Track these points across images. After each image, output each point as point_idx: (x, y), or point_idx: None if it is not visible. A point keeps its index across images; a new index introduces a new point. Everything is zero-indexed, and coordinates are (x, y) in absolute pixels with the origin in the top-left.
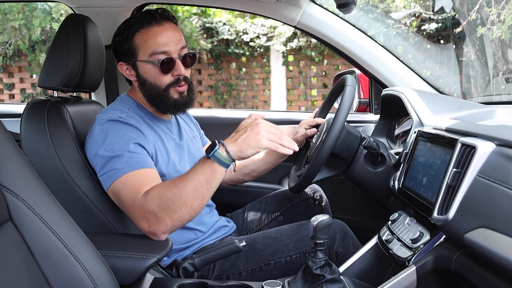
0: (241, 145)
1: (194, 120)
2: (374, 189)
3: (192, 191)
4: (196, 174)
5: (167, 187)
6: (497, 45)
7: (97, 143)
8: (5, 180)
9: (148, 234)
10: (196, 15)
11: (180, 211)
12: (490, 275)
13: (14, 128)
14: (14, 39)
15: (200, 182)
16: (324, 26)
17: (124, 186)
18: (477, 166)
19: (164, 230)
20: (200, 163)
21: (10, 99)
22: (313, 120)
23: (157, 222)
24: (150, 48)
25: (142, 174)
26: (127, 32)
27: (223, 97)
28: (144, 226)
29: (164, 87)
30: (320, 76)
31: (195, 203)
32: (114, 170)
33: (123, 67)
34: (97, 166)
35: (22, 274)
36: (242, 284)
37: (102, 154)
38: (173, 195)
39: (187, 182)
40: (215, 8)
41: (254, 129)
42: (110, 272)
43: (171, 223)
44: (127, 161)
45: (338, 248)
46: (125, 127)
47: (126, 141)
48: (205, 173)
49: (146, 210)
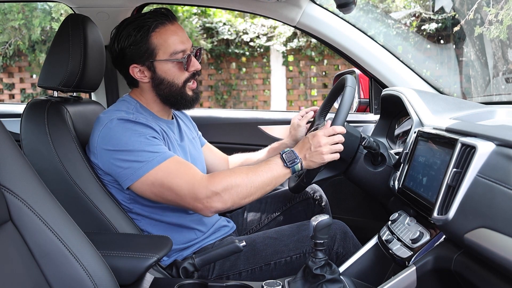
0: (308, 162)
1: (192, 121)
2: (374, 189)
3: (260, 185)
4: (271, 173)
5: (238, 175)
6: (497, 45)
7: (110, 140)
8: (5, 180)
9: (200, 209)
10: (196, 15)
11: (243, 198)
12: (490, 275)
13: (14, 128)
14: (14, 39)
15: (270, 181)
16: (324, 26)
17: (169, 172)
18: (477, 166)
19: (221, 208)
20: (277, 166)
21: (10, 99)
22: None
23: (218, 202)
24: (171, 48)
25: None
26: (142, 33)
27: (223, 97)
28: (202, 203)
29: (182, 84)
30: (320, 76)
31: (256, 195)
32: (144, 162)
33: (135, 70)
34: (114, 163)
35: (22, 274)
36: (242, 284)
37: (120, 150)
38: (244, 184)
39: (259, 176)
40: (215, 8)
41: (317, 148)
42: (110, 272)
43: (230, 205)
44: (153, 153)
45: (338, 248)
46: (137, 125)
47: (143, 137)
48: (277, 175)
49: (211, 190)
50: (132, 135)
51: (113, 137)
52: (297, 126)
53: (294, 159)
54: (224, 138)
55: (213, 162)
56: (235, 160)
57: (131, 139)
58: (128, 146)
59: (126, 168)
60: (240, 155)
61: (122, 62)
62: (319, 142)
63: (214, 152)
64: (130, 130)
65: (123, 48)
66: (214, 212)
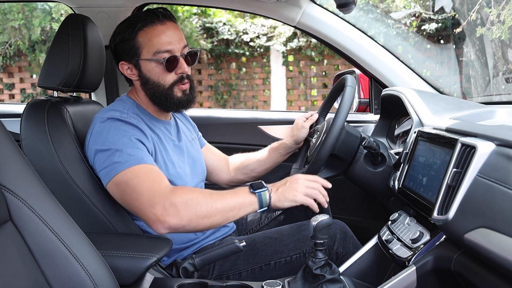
0: (279, 196)
1: (192, 122)
2: (374, 189)
3: (222, 209)
4: (235, 198)
5: (201, 193)
6: (497, 45)
7: (98, 140)
8: (5, 180)
9: (154, 221)
10: (196, 15)
11: (201, 219)
12: (490, 275)
13: (14, 128)
14: (14, 39)
15: (233, 206)
16: (324, 26)
17: (136, 176)
18: (477, 166)
19: (174, 226)
20: (243, 191)
21: (10, 99)
22: (308, 113)
23: (174, 216)
24: (154, 47)
25: (153, 169)
26: (130, 31)
27: (223, 97)
28: (157, 212)
29: (168, 85)
30: (320, 76)
31: (216, 220)
32: (118, 163)
33: (124, 67)
34: (98, 161)
35: (22, 274)
36: (242, 284)
37: (104, 149)
38: (205, 202)
39: (223, 198)
40: (215, 8)
41: (293, 184)
42: (110, 272)
43: (185, 222)
44: (130, 155)
45: (338, 248)
46: (126, 125)
47: (127, 137)
48: (243, 201)
49: (169, 201)
50: (117, 134)
51: (101, 136)
52: (300, 127)
53: (262, 187)
54: (224, 138)
55: (213, 162)
56: (235, 160)
57: (114, 138)
58: (110, 145)
59: (104, 168)
60: (240, 155)
61: (115, 59)
62: (297, 180)
63: (214, 153)
64: (116, 129)
65: (115, 45)
66: (167, 227)
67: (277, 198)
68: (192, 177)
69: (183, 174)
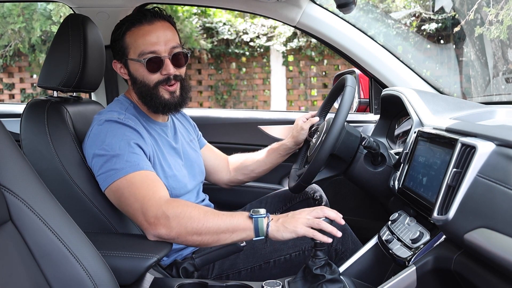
0: (279, 226)
1: (191, 122)
2: (374, 189)
3: (215, 229)
4: (230, 220)
5: (196, 209)
6: (497, 45)
7: (96, 143)
8: (5, 180)
9: (144, 228)
10: (196, 15)
11: (190, 235)
12: (490, 275)
13: (14, 128)
14: (14, 42)
15: (227, 228)
16: (324, 26)
17: (132, 184)
18: (477, 166)
19: (163, 236)
20: (241, 215)
21: (10, 99)
22: (309, 113)
23: (164, 226)
24: (139, 48)
25: (149, 175)
26: (119, 31)
27: (223, 97)
28: (149, 220)
29: (153, 85)
30: (320, 76)
31: (207, 239)
32: (115, 170)
33: (117, 65)
34: (95, 165)
35: (22, 274)
36: (242, 284)
37: (101, 154)
38: (197, 219)
39: (217, 218)
40: (215, 8)
41: (296, 215)
42: (110, 272)
43: (174, 235)
44: (127, 161)
45: (337, 245)
46: (124, 128)
47: (125, 141)
48: (237, 224)
49: (162, 211)
50: (114, 137)
51: (98, 139)
52: (300, 129)
53: (261, 214)
54: (224, 138)
55: (213, 162)
56: (235, 160)
57: (111, 142)
58: (108, 150)
59: (102, 173)
60: (240, 155)
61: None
62: (301, 212)
63: (214, 153)
64: (114, 132)
65: (111, 44)
66: (157, 236)
67: (276, 228)
68: (190, 179)
69: (180, 176)
